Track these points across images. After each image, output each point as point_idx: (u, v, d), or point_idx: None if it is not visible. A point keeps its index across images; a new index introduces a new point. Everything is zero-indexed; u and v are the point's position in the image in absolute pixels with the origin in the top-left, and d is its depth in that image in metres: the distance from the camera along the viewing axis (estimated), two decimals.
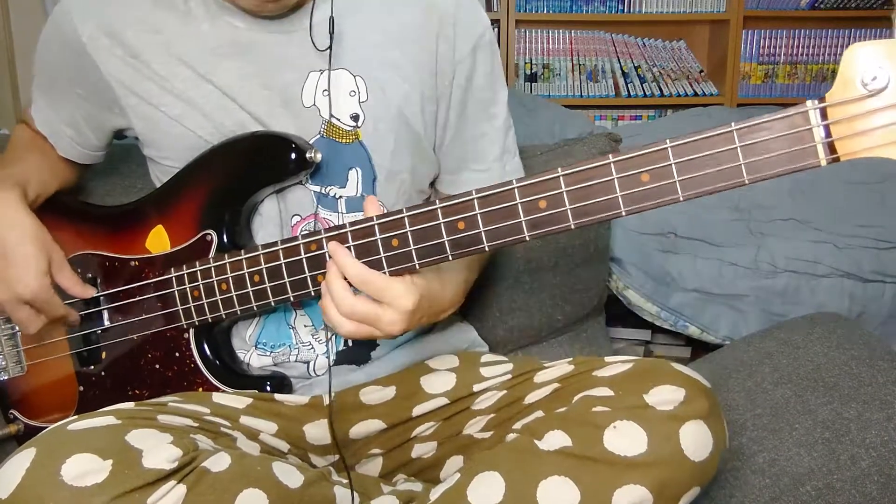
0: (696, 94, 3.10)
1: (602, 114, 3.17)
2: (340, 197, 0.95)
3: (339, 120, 0.94)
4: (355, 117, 0.94)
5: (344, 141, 0.95)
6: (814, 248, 1.83)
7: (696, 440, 0.76)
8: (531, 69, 3.15)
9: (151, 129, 0.96)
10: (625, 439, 0.76)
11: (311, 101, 0.94)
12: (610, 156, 0.72)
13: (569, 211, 0.74)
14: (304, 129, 0.93)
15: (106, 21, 0.94)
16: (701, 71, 3.18)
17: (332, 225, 0.95)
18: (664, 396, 0.78)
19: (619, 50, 3.16)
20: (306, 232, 0.89)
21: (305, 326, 0.97)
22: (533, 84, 3.15)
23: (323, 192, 0.95)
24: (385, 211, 0.83)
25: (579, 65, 3.16)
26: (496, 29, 3.02)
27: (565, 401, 0.84)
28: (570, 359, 0.93)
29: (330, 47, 0.92)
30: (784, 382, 1.08)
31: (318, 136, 0.94)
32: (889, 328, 1.79)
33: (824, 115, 0.66)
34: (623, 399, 0.79)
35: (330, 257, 0.82)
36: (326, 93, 0.93)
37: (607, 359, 0.88)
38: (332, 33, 0.92)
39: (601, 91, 3.13)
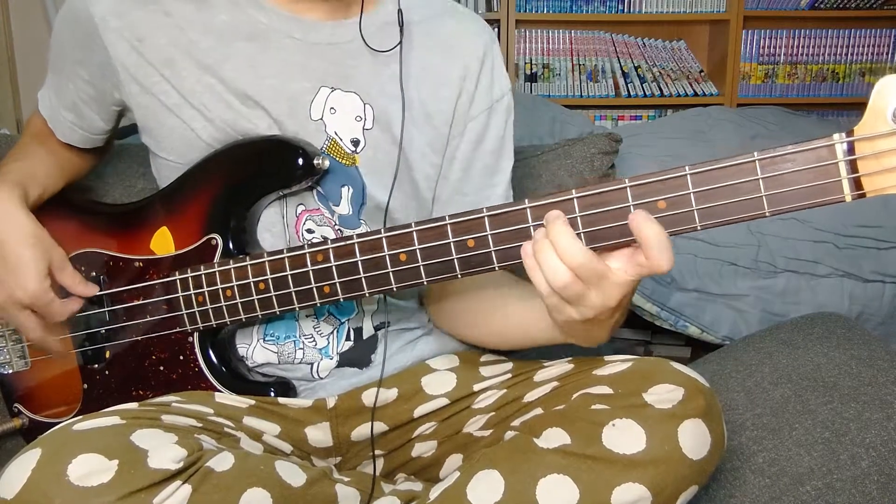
0: (696, 94, 3.11)
1: (602, 114, 3.17)
2: (335, 213, 0.95)
3: (340, 140, 0.94)
4: (356, 142, 0.94)
5: (343, 162, 0.94)
6: (814, 248, 1.83)
7: (694, 438, 0.76)
8: (531, 69, 3.15)
9: (149, 117, 0.95)
10: (623, 437, 0.76)
11: (318, 114, 0.93)
12: (626, 180, 0.70)
13: (581, 235, 0.71)
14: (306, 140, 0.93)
15: (118, 2, 0.93)
16: (701, 71, 3.18)
17: (336, 226, 0.95)
18: (663, 395, 0.78)
19: (619, 50, 3.16)
20: (311, 241, 0.88)
21: (307, 316, 0.96)
22: (533, 84, 3.15)
23: (324, 193, 0.94)
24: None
25: (579, 65, 3.16)
26: (496, 29, 3.02)
27: (564, 399, 0.84)
28: (570, 357, 0.93)
29: (400, 42, 0.93)
30: (784, 382, 1.08)
31: (321, 152, 0.93)
32: (889, 328, 1.80)
33: (851, 150, 0.64)
34: (622, 397, 0.79)
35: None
36: (334, 111, 0.93)
37: (607, 358, 0.88)
38: (401, 25, 0.92)
39: (601, 91, 3.13)
